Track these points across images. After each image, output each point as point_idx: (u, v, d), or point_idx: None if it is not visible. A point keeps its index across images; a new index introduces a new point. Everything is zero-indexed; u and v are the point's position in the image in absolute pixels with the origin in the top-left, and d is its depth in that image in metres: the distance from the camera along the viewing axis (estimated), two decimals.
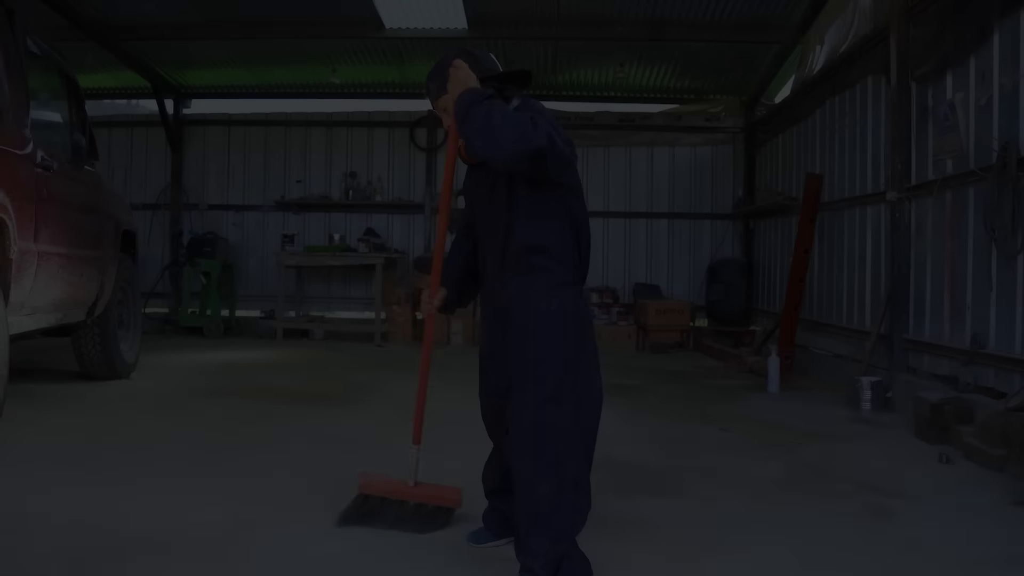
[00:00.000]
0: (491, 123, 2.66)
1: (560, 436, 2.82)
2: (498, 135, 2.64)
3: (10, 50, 5.22)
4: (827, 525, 3.72)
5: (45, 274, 5.48)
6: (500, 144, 2.64)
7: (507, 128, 2.63)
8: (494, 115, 2.68)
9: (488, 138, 2.66)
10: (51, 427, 5.38)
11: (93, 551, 3.17)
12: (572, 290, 2.95)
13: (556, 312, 2.88)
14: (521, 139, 2.61)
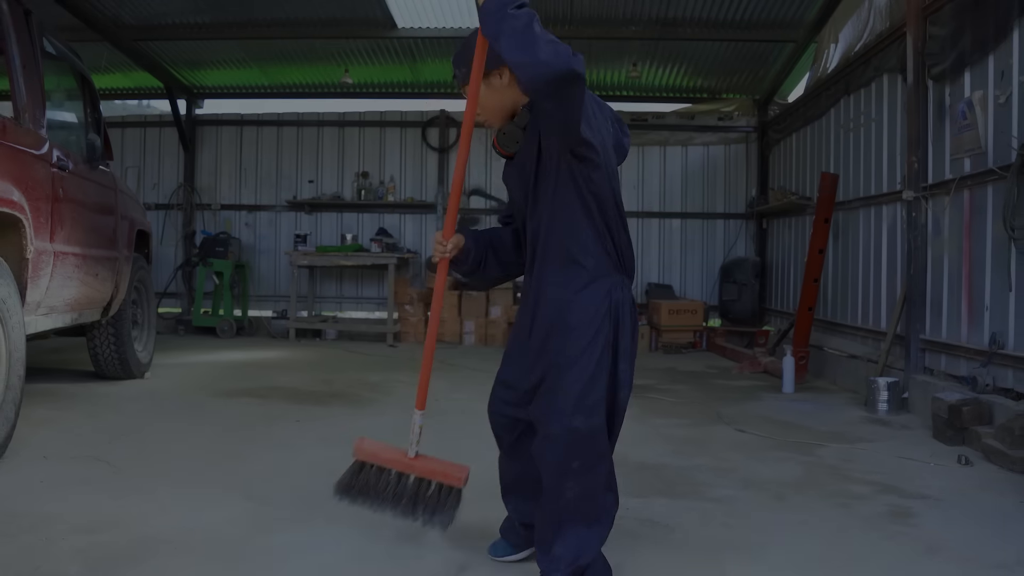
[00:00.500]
0: (527, 28, 2.34)
1: (590, 443, 2.70)
2: (530, 43, 2.32)
3: (26, 51, 5.22)
4: (847, 527, 3.69)
5: (61, 274, 5.49)
6: (535, 54, 2.31)
7: (542, 40, 2.33)
8: (531, 22, 2.36)
9: (523, 47, 2.33)
10: (67, 427, 5.39)
11: (110, 551, 3.17)
12: (606, 283, 2.74)
13: (583, 310, 2.71)
14: (557, 56, 2.31)
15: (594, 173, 2.67)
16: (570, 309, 2.72)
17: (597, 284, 2.73)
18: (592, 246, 2.73)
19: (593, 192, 2.68)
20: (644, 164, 12.57)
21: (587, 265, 2.73)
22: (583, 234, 2.72)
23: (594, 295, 2.72)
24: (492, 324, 11.37)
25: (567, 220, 2.72)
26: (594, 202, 2.69)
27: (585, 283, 2.73)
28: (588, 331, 2.69)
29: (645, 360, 10.11)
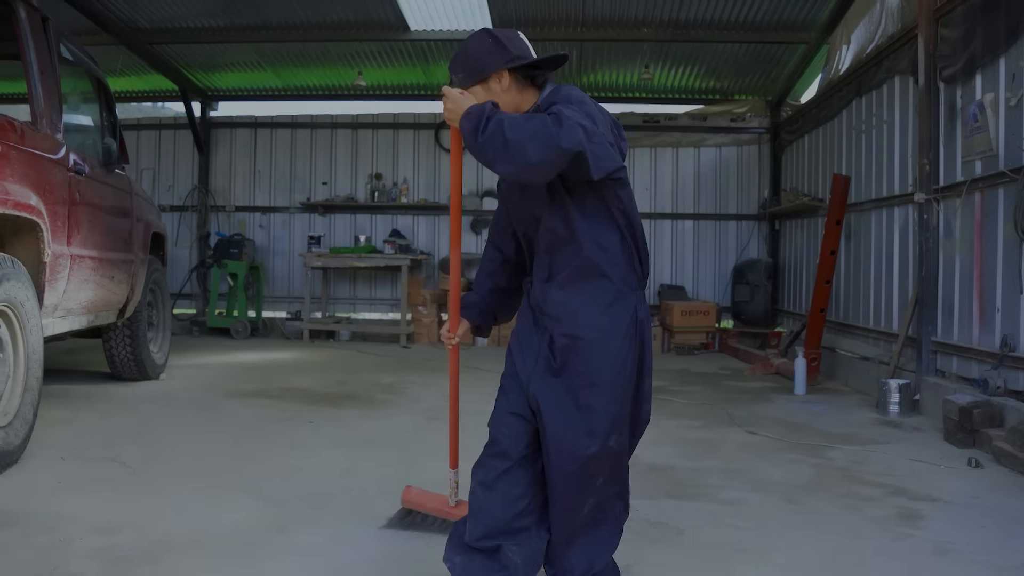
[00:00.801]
0: (505, 142, 2.27)
1: (617, 460, 2.62)
2: (516, 152, 2.25)
3: (44, 57, 5.29)
4: (856, 529, 3.72)
5: (77, 277, 5.55)
6: (525, 160, 2.25)
7: (524, 140, 2.24)
8: (505, 131, 2.28)
9: (509, 159, 2.27)
10: (83, 428, 5.45)
11: (128, 551, 3.22)
12: (631, 299, 2.60)
13: (615, 328, 2.56)
14: (545, 148, 2.23)
15: (622, 191, 2.55)
16: (599, 326, 2.56)
17: (625, 301, 2.58)
18: (621, 261, 2.58)
19: (620, 208, 2.55)
20: (657, 165, 12.58)
21: (615, 280, 2.57)
22: (612, 248, 2.56)
23: (623, 313, 2.57)
24: (504, 326, 11.38)
25: (596, 233, 2.55)
26: (622, 216, 2.56)
27: (612, 299, 2.57)
28: (620, 351, 2.56)
29: (657, 361, 10.08)
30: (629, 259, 2.59)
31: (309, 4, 9.94)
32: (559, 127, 2.23)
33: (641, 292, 2.65)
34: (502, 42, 2.62)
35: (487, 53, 2.60)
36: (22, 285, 4.51)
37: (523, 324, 2.76)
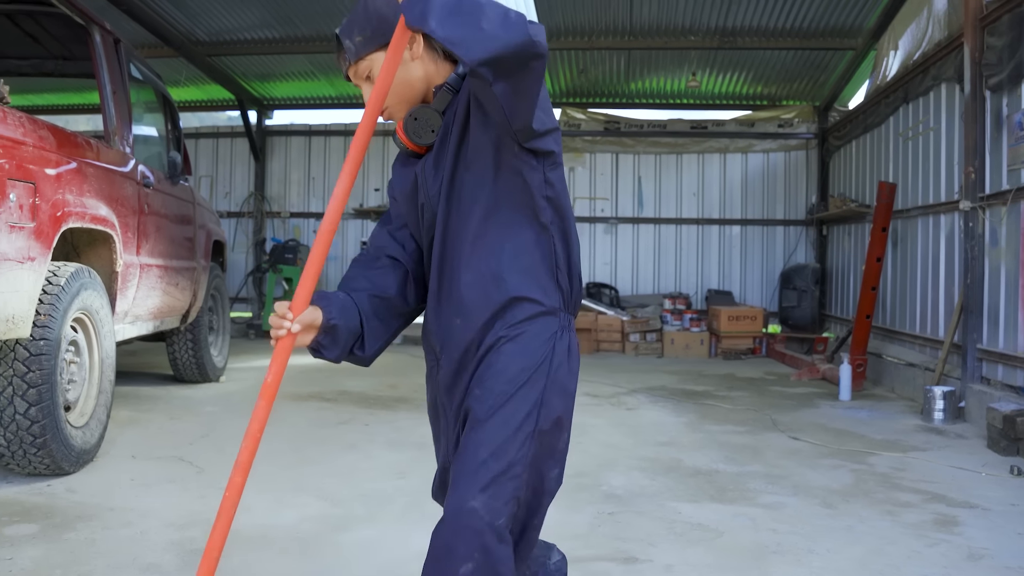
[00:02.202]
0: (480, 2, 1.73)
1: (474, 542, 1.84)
2: (480, 15, 1.71)
3: (116, 77, 5.58)
4: (892, 534, 3.83)
5: (146, 285, 5.84)
6: (481, 26, 1.69)
7: (492, 7, 1.72)
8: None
9: (465, 18, 1.71)
10: (150, 428, 5.74)
11: (200, 544, 3.45)
12: (553, 323, 2.03)
13: (528, 349, 1.98)
14: (509, 26, 1.70)
15: (552, 172, 2.01)
16: (502, 350, 1.99)
17: (539, 324, 2.01)
18: (542, 274, 2.03)
19: (550, 198, 2.01)
20: (704, 171, 12.67)
21: (534, 297, 2.01)
22: (531, 257, 2.01)
23: (537, 336, 2.00)
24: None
25: (510, 237, 2.00)
26: (551, 212, 2.02)
27: (522, 323, 2.00)
28: (521, 375, 1.97)
29: (704, 366, 10.23)
30: (553, 273, 2.05)
31: None
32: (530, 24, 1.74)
33: (569, 317, 2.08)
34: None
35: (395, 10, 1.97)
36: (97, 294, 4.78)
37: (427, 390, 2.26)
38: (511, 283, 2.00)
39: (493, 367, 1.99)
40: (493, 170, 2.00)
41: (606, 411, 6.85)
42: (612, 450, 5.40)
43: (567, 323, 2.06)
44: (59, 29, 6.17)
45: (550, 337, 2.01)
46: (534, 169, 1.99)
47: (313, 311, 1.99)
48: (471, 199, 2.02)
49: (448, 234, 2.06)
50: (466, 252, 2.02)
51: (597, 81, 12.23)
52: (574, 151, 12.72)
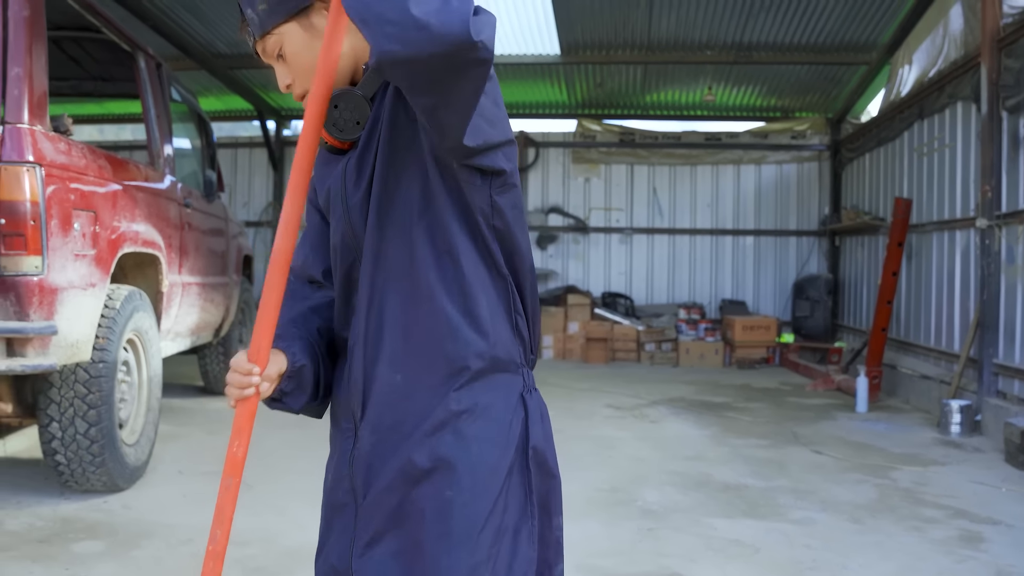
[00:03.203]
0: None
1: None
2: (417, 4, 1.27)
3: (159, 101, 5.75)
4: (920, 550, 3.99)
5: (185, 302, 6.01)
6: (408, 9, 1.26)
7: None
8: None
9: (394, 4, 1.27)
10: (191, 442, 5.91)
11: (261, 562, 3.62)
12: (515, 384, 1.64)
13: (486, 436, 1.58)
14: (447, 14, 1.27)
15: (501, 196, 1.58)
16: (460, 433, 1.57)
17: (500, 386, 1.62)
18: (499, 321, 1.62)
19: (497, 228, 1.60)
20: (718, 182, 12.83)
21: (494, 352, 1.60)
22: (486, 299, 1.60)
23: (497, 408, 1.60)
24: (570, 339, 11.75)
25: (460, 273, 1.58)
26: (497, 243, 1.61)
27: (478, 384, 1.59)
28: (497, 473, 1.58)
29: (719, 376, 10.39)
30: (508, 316, 1.63)
31: None
32: (477, 13, 1.33)
33: (528, 371, 1.68)
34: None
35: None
36: (147, 315, 4.96)
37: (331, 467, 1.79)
38: (465, 332, 1.56)
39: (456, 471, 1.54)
40: (431, 184, 1.57)
41: (630, 424, 7.01)
42: (642, 464, 5.56)
43: (530, 379, 1.67)
44: (100, 52, 6.33)
45: (518, 402, 1.61)
46: (478, 189, 1.55)
47: (276, 358, 1.59)
48: (407, 219, 1.58)
49: (379, 264, 1.61)
50: (405, 288, 1.58)
51: (613, 93, 12.39)
52: (589, 162, 12.89)
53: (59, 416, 4.24)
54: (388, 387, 1.60)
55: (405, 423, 1.58)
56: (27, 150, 3.72)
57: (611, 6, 9.36)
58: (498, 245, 1.60)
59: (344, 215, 1.66)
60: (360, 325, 1.63)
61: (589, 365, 11.28)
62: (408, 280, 1.58)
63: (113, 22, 5.10)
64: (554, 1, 9.20)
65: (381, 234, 1.60)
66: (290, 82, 1.69)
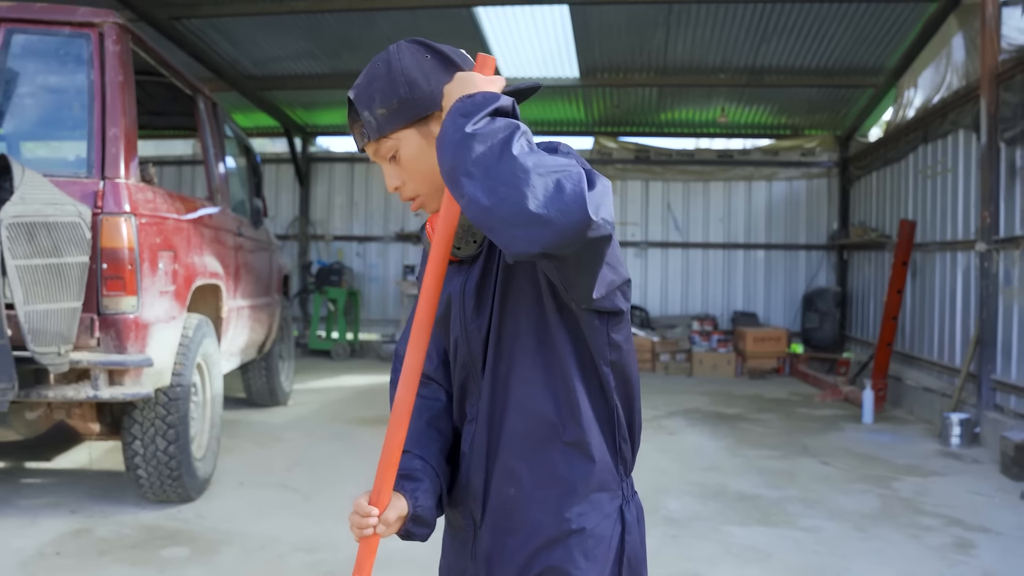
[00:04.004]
0: (504, 154, 1.36)
1: None
2: (509, 178, 1.34)
3: (216, 139, 6.24)
4: (917, 555, 4.44)
5: (238, 324, 6.49)
6: (515, 198, 1.33)
7: (537, 169, 1.35)
8: (515, 140, 1.37)
9: (491, 182, 1.35)
10: (244, 454, 6.39)
11: (330, 567, 4.09)
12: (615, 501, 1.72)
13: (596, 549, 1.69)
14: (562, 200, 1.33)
15: (617, 332, 1.65)
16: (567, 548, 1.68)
17: (603, 505, 1.71)
18: (598, 446, 1.69)
19: (614, 362, 1.66)
20: (730, 198, 13.28)
21: (588, 476, 1.69)
22: (587, 429, 1.67)
23: (600, 526, 1.70)
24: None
25: (561, 402, 1.66)
26: (612, 374, 1.67)
27: (584, 504, 1.69)
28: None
29: (732, 386, 10.84)
30: (613, 440, 1.71)
31: None
32: (592, 186, 1.37)
33: (629, 482, 1.76)
34: (453, 60, 1.64)
35: (431, 76, 1.62)
36: (212, 340, 5.45)
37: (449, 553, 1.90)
38: (576, 459, 1.67)
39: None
40: (549, 319, 1.64)
41: (649, 435, 7.46)
42: (663, 475, 6.03)
43: (629, 490, 1.75)
44: (156, 90, 6.83)
45: (617, 517, 1.71)
46: (596, 330, 1.62)
47: (397, 502, 1.67)
48: (525, 350, 1.66)
49: (497, 386, 1.70)
50: (522, 414, 1.68)
51: (629, 111, 12.86)
52: None
53: (141, 435, 4.73)
54: (504, 498, 1.71)
55: (520, 532, 1.69)
56: (124, 202, 4.21)
57: (629, 31, 9.82)
58: (613, 378, 1.66)
59: (463, 336, 1.72)
60: (477, 438, 1.73)
61: None
62: (525, 407, 1.67)
63: (178, 70, 5.59)
64: (575, 27, 9.67)
65: (499, 361, 1.68)
66: (399, 184, 1.70)
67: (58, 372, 4.00)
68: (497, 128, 1.39)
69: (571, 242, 1.36)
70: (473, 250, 1.69)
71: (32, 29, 4.37)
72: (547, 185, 1.33)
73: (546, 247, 1.35)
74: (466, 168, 1.37)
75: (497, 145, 1.36)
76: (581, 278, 1.49)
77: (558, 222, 1.32)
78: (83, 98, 4.30)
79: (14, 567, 4.07)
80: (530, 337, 1.65)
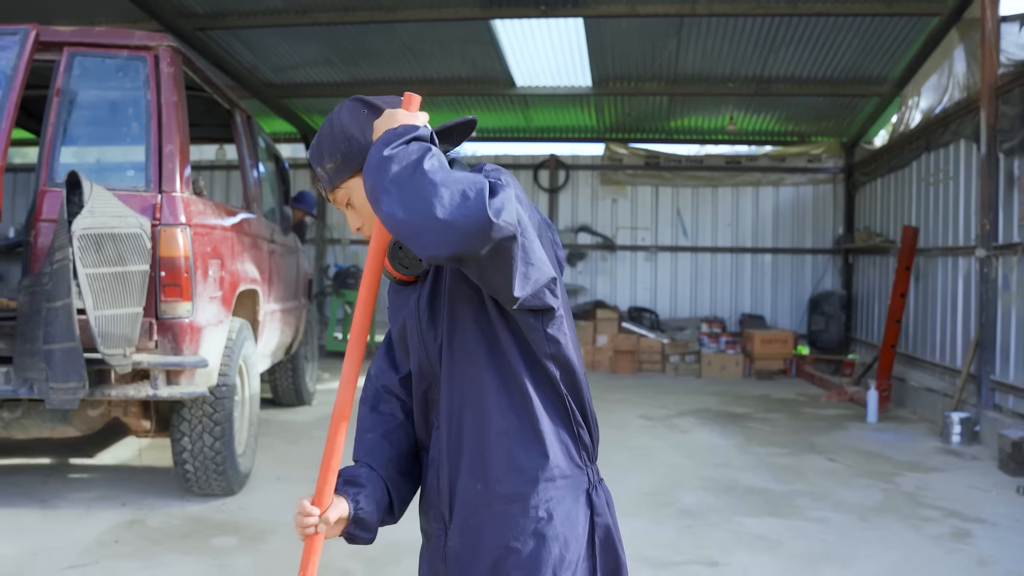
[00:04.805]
0: (416, 172, 1.58)
1: None
2: (420, 191, 1.56)
3: (252, 150, 6.57)
4: (916, 544, 4.75)
5: (270, 327, 6.81)
6: (424, 208, 1.55)
7: (445, 183, 1.56)
8: (426, 160, 1.60)
9: (405, 196, 1.57)
10: (278, 453, 6.71)
11: (372, 553, 4.40)
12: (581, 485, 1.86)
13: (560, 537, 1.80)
14: (466, 208, 1.54)
15: (553, 327, 1.80)
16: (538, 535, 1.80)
17: (568, 490, 1.83)
18: (555, 435, 1.83)
19: (554, 355, 1.81)
20: (738, 203, 13.60)
21: (549, 464, 1.81)
22: (540, 419, 1.81)
23: (567, 510, 1.82)
24: (599, 351, 12.53)
25: (527, 396, 1.81)
26: (556, 367, 1.82)
27: (549, 492, 1.81)
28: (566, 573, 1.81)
29: (740, 387, 11.15)
30: (570, 427, 1.86)
31: (434, 63, 11.18)
32: (494, 194, 1.58)
33: (593, 468, 1.90)
34: (378, 108, 1.84)
35: (366, 129, 1.82)
36: (251, 342, 5.77)
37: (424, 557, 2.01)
38: (534, 449, 1.80)
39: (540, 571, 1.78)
40: (494, 323, 1.81)
41: (662, 433, 7.78)
42: (677, 471, 6.34)
43: (595, 475, 1.89)
44: (194, 103, 7.13)
45: (584, 500, 1.85)
46: (532, 328, 1.78)
47: (339, 504, 1.84)
48: (476, 353, 1.82)
49: (454, 390, 1.85)
50: (480, 412, 1.82)
51: (640, 118, 13.19)
52: (616, 184, 13.68)
53: (190, 432, 5.05)
54: (471, 495, 1.83)
55: (488, 526, 1.81)
56: (180, 214, 4.54)
57: (641, 43, 10.15)
58: (557, 370, 1.82)
59: (420, 347, 1.89)
60: (442, 442, 1.88)
61: (617, 376, 12.05)
62: (481, 405, 1.82)
63: (219, 86, 5.92)
64: (589, 39, 10.00)
65: (454, 366, 1.84)
66: (360, 225, 1.91)
67: (123, 372, 4.33)
68: (411, 151, 1.60)
69: (475, 243, 1.55)
70: (420, 267, 1.86)
71: (93, 52, 4.70)
72: (453, 195, 1.54)
73: (455, 249, 1.55)
74: (384, 186, 1.58)
75: (411, 165, 1.58)
76: (498, 279, 1.64)
77: (461, 225, 1.53)
78: (141, 117, 4.63)
79: (77, 553, 4.40)
80: (479, 341, 1.81)
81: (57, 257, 4.09)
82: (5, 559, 4.30)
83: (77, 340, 4.05)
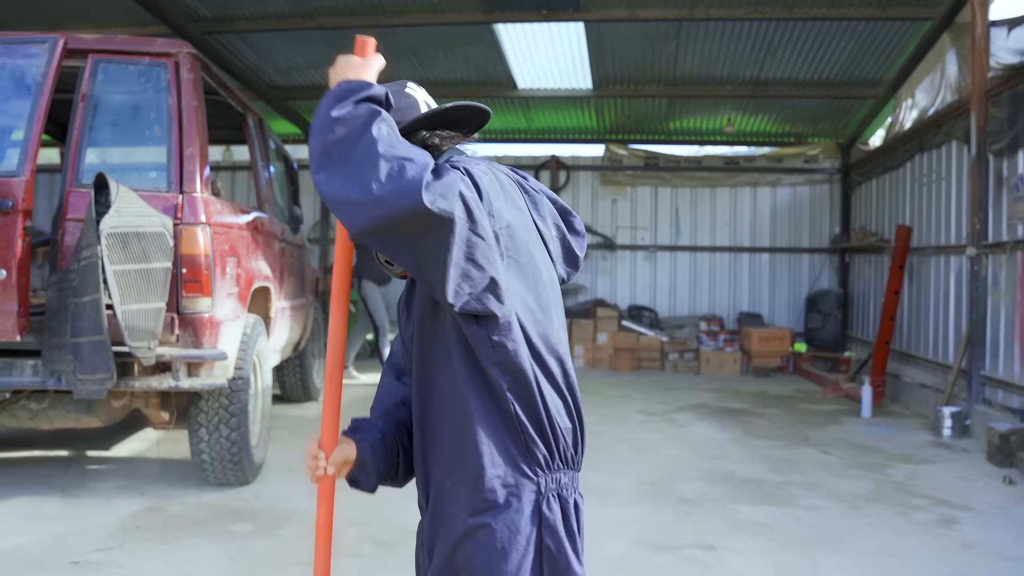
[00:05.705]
0: (359, 141, 1.53)
1: None
2: (359, 163, 1.51)
3: (263, 152, 6.78)
4: (904, 529, 4.97)
5: (281, 324, 7.02)
6: (359, 181, 1.50)
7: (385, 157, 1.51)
8: (373, 128, 1.54)
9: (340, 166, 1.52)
10: (289, 445, 6.88)
11: (382, 537, 4.62)
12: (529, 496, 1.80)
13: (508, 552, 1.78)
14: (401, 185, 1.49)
15: (497, 334, 1.72)
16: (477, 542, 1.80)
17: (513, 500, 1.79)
18: (510, 445, 1.79)
19: (501, 362, 1.74)
20: (736, 203, 13.82)
21: (501, 473, 1.79)
22: (476, 423, 1.78)
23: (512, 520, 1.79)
24: (599, 349, 12.74)
25: (477, 404, 1.79)
26: (507, 378, 1.76)
27: (498, 497, 1.79)
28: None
29: (737, 384, 11.35)
30: (513, 437, 1.79)
31: (439, 66, 11.39)
32: (438, 177, 1.54)
33: (554, 476, 1.83)
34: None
35: None
36: (264, 338, 5.98)
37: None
38: (479, 458, 1.76)
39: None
40: (457, 328, 1.76)
41: (661, 428, 7.99)
42: (675, 463, 6.55)
43: (555, 486, 1.82)
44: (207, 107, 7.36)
45: (532, 512, 1.79)
46: (476, 335, 1.71)
47: (346, 446, 1.90)
48: (444, 356, 1.80)
49: (427, 387, 1.86)
50: (449, 412, 1.81)
51: (639, 120, 13.41)
52: (616, 184, 13.89)
53: (207, 424, 5.26)
54: (440, 489, 1.85)
55: (445, 524, 1.83)
56: (200, 213, 4.76)
57: (640, 46, 10.36)
58: (505, 379, 1.75)
59: (407, 340, 1.94)
60: (418, 434, 1.90)
61: (617, 373, 12.26)
62: (432, 407, 1.85)
63: (234, 91, 6.13)
64: (589, 42, 10.21)
65: (422, 364, 1.87)
66: None
67: (147, 364, 4.54)
68: (359, 113, 1.54)
69: (398, 223, 1.50)
70: None
71: (116, 59, 4.91)
72: (391, 168, 1.48)
73: (378, 225, 1.49)
74: (326, 148, 1.53)
75: (357, 129, 1.51)
76: (432, 273, 1.60)
77: (390, 202, 1.47)
78: (162, 120, 4.84)
79: (102, 537, 4.61)
80: (437, 344, 1.81)
81: (85, 254, 4.30)
82: (34, 543, 4.51)
83: (105, 333, 4.25)
